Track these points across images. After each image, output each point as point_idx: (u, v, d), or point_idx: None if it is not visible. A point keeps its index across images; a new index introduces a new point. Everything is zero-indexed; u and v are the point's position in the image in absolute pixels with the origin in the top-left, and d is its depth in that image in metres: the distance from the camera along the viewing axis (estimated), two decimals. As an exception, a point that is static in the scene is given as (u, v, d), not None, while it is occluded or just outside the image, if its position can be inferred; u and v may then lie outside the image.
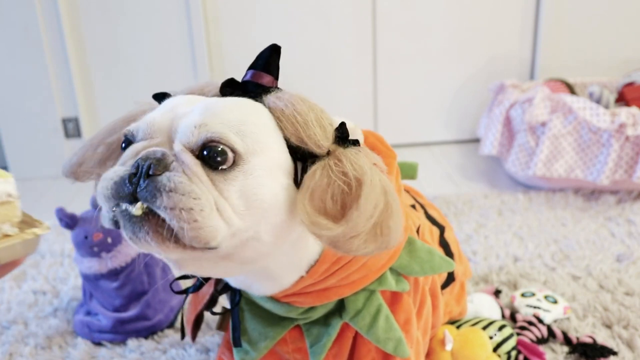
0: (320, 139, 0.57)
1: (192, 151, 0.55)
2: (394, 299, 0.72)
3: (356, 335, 0.73)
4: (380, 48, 2.14)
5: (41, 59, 2.00)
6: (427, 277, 0.77)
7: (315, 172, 0.55)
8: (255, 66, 0.62)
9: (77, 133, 2.11)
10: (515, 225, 1.53)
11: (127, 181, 0.53)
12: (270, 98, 0.59)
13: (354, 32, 2.12)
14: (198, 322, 0.80)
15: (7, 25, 1.95)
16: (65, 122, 2.10)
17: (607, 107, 1.82)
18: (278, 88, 0.62)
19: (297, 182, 0.58)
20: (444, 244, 0.88)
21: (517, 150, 1.74)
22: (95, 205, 1.11)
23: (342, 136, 0.59)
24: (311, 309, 0.69)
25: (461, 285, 0.97)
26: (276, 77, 0.62)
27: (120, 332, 1.11)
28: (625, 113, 1.57)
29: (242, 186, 0.54)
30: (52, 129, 2.08)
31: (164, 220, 0.52)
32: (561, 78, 1.93)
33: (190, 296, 0.79)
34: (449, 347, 0.91)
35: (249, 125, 0.56)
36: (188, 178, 0.53)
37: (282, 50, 0.63)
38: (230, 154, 0.54)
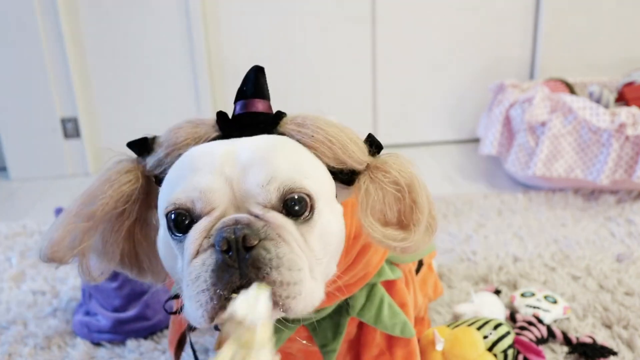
0: (360, 156, 0.58)
1: (274, 209, 0.53)
2: (389, 286, 0.76)
3: (360, 323, 0.75)
4: (380, 48, 2.14)
5: (40, 59, 1.99)
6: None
7: (369, 189, 0.57)
8: (245, 94, 0.59)
9: (76, 133, 2.11)
10: (515, 225, 1.53)
11: (226, 263, 0.50)
12: (290, 128, 0.58)
13: (354, 32, 2.11)
14: (181, 343, 0.78)
15: (6, 26, 1.95)
16: (64, 122, 2.10)
17: (607, 106, 1.81)
18: (283, 113, 0.60)
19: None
20: None
21: (517, 150, 1.74)
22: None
23: (374, 147, 0.60)
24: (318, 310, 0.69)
25: (429, 267, 1.01)
26: (269, 99, 0.60)
27: (120, 332, 1.11)
28: (625, 113, 1.57)
29: (319, 230, 0.55)
30: (51, 129, 2.08)
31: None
32: (561, 78, 1.93)
33: (171, 318, 0.78)
34: (439, 347, 0.90)
35: (302, 164, 0.56)
36: (288, 245, 0.52)
37: (282, 50, 0.62)
38: (307, 199, 0.54)
